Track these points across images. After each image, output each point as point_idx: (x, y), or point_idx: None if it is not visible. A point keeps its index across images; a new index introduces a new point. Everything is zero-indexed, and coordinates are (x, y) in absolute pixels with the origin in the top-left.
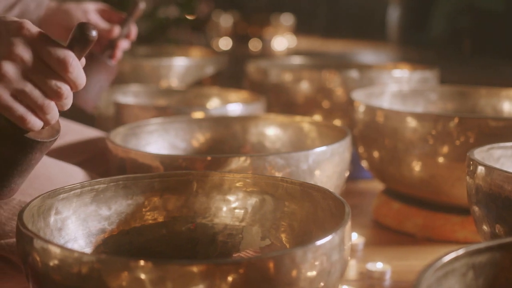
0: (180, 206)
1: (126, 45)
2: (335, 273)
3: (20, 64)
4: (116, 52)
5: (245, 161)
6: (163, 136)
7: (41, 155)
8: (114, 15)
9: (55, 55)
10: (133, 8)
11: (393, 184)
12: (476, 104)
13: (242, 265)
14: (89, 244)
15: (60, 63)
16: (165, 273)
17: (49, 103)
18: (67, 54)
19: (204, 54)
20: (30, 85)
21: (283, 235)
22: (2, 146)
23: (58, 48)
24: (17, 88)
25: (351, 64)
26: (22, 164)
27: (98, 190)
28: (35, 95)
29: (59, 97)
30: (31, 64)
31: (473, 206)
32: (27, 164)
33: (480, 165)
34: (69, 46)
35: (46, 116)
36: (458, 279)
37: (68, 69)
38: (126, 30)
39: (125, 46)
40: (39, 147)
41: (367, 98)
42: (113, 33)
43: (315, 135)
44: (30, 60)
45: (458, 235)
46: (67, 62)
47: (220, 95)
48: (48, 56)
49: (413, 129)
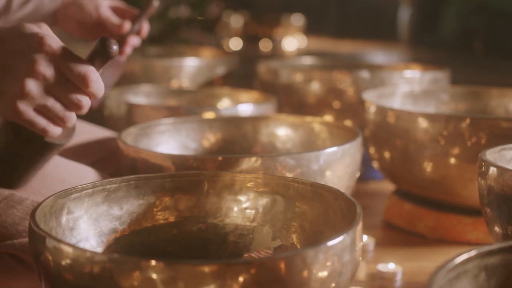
0: (191, 206)
1: (136, 42)
2: (346, 273)
3: (42, 81)
4: (125, 48)
5: (256, 162)
6: (174, 136)
7: (57, 153)
8: (127, 12)
9: (76, 71)
10: (147, 5)
11: (404, 184)
12: (488, 105)
13: (253, 265)
14: (101, 243)
15: (81, 78)
16: (176, 273)
17: (70, 114)
18: (88, 70)
19: (215, 55)
20: (52, 100)
21: (294, 236)
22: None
23: (79, 63)
24: (40, 104)
25: (362, 64)
26: (39, 162)
27: (109, 190)
28: (57, 109)
29: (79, 109)
30: (53, 80)
31: (485, 207)
32: (43, 162)
33: (492, 166)
34: (90, 60)
35: (66, 125)
36: (470, 280)
37: (89, 84)
38: (137, 26)
39: (135, 43)
40: (56, 148)
41: (378, 98)
42: (124, 28)
43: (326, 135)
44: (52, 77)
45: (470, 236)
46: (88, 77)
47: (231, 95)
48: (70, 71)
49: (424, 129)
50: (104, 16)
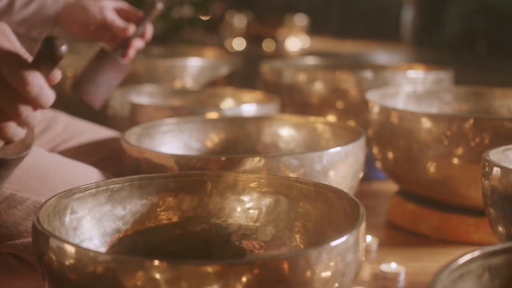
0: (194, 206)
1: (140, 45)
2: (350, 274)
3: None
4: (129, 51)
5: (259, 162)
6: (177, 136)
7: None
8: (131, 14)
9: (14, 73)
10: (150, 8)
11: (407, 185)
12: (491, 105)
13: (257, 266)
14: (104, 243)
15: (19, 82)
16: (180, 273)
17: (7, 124)
18: (28, 74)
19: (218, 55)
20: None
21: (297, 236)
22: None
23: (19, 66)
24: None
25: (365, 64)
26: None
27: (113, 190)
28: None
29: (17, 117)
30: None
31: (488, 207)
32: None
33: (495, 166)
34: (35, 63)
35: (6, 135)
36: (473, 280)
37: (26, 88)
38: (142, 29)
39: (139, 46)
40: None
41: (382, 98)
42: (128, 31)
43: (329, 135)
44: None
45: (473, 237)
46: (25, 81)
47: (234, 95)
48: (7, 74)
49: (427, 130)
50: (109, 19)
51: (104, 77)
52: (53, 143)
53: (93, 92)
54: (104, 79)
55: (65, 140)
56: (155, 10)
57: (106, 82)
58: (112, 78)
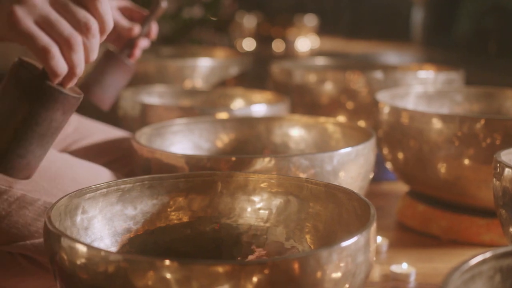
0: (204, 206)
1: (145, 44)
2: (360, 274)
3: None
4: (135, 51)
5: (269, 162)
6: (188, 137)
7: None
8: (135, 13)
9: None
10: (155, 6)
11: (417, 186)
12: (502, 106)
13: (267, 266)
14: (115, 243)
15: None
16: (190, 273)
17: (77, 37)
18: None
19: (228, 55)
20: (56, 14)
21: (307, 236)
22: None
23: None
24: (42, 14)
25: (376, 65)
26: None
27: (124, 190)
28: (62, 25)
29: (87, 31)
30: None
31: (499, 208)
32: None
33: (507, 167)
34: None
35: (72, 55)
36: (485, 282)
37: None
38: (147, 29)
39: (145, 45)
40: (61, 101)
41: (392, 99)
42: (133, 32)
43: (340, 136)
44: None
45: (484, 238)
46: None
47: (244, 95)
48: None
49: (438, 130)
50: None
51: (111, 78)
52: (64, 144)
53: (100, 94)
54: (111, 80)
55: (76, 141)
56: (160, 8)
57: (113, 83)
58: (119, 79)
